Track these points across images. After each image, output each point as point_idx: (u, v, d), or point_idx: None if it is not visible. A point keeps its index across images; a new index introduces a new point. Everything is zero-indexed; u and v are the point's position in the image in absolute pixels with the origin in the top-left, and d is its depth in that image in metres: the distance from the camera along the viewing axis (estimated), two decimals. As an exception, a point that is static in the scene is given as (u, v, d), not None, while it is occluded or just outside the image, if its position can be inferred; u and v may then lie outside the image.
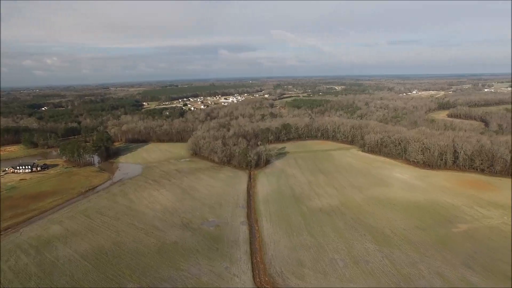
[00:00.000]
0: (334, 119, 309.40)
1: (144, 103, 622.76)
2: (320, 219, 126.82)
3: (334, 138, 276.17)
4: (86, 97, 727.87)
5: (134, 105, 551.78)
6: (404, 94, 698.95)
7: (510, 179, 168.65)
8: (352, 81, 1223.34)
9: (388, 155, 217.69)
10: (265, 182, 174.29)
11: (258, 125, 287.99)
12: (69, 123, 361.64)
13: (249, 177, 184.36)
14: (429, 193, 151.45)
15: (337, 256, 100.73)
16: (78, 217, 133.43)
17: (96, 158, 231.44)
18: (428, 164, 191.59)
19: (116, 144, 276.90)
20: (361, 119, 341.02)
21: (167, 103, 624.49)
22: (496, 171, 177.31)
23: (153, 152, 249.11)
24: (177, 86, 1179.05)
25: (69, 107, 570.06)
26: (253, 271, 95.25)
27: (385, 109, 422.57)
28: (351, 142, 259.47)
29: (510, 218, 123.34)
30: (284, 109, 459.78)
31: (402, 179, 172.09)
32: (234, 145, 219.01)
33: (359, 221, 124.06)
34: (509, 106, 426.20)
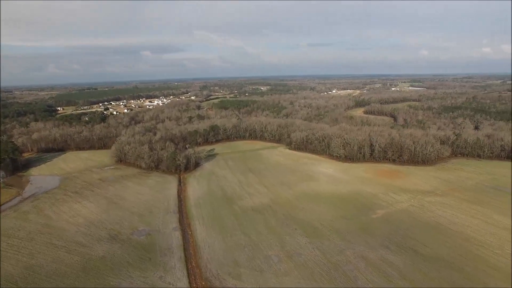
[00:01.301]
0: (261, 119, 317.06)
1: (59, 108, 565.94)
2: (252, 218, 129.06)
3: (262, 138, 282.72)
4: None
5: (46, 111, 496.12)
6: (325, 93, 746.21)
7: (415, 167, 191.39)
8: (277, 82, 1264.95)
9: (313, 151, 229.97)
10: (195, 185, 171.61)
11: (186, 128, 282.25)
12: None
13: (179, 181, 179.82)
14: (351, 184, 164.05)
15: (271, 252, 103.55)
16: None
17: None
18: (349, 158, 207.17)
19: (26, 155, 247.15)
20: (286, 118, 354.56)
21: (85, 107, 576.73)
22: (404, 161, 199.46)
23: (72, 161, 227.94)
24: (96, 89, 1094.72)
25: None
26: (189, 277, 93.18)
27: (308, 107, 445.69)
28: (279, 141, 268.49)
29: (416, 201, 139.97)
30: (212, 110, 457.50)
31: (327, 173, 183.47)
32: (162, 149, 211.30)
33: (290, 217, 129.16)
34: (411, 103, 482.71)
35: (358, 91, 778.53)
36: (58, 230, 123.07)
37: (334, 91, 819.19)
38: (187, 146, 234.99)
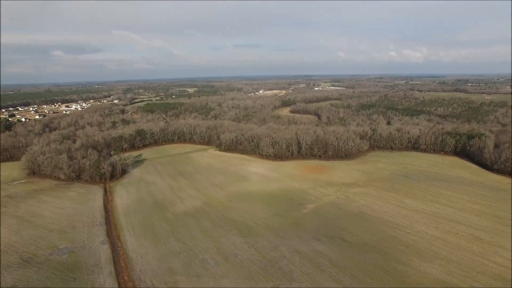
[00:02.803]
0: (189, 121, 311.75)
1: None
2: (186, 223, 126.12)
3: (191, 140, 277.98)
4: None
5: None
6: (252, 93, 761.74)
7: (339, 162, 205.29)
8: (204, 83, 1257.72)
9: (243, 151, 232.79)
10: (123, 194, 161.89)
11: (110, 133, 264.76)
12: None
13: (105, 191, 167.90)
14: (281, 182, 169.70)
15: (207, 256, 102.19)
16: None
17: None
18: (278, 156, 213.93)
19: None
20: (215, 119, 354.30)
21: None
22: (329, 156, 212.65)
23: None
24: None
25: None
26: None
27: (236, 108, 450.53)
28: (208, 143, 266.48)
29: (342, 193, 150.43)
30: (137, 114, 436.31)
31: (258, 173, 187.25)
32: (83, 157, 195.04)
33: (224, 218, 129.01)
34: (333, 102, 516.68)
35: (284, 91, 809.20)
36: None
37: (261, 91, 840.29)
38: (112, 152, 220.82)
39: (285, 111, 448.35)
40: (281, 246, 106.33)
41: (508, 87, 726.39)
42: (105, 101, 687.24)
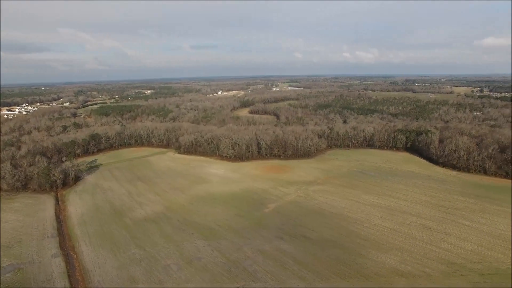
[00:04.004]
0: (147, 124, 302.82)
1: None
2: (146, 229, 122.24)
3: (149, 144, 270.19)
4: None
5: None
6: (210, 95, 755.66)
7: (299, 161, 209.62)
8: (161, 85, 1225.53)
9: (203, 153, 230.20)
10: (77, 202, 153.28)
11: (61, 138, 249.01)
12: None
13: (57, 200, 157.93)
14: (242, 182, 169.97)
15: (170, 261, 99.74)
16: None
17: None
18: (238, 157, 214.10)
19: None
20: (174, 121, 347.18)
21: None
22: (289, 155, 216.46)
23: None
24: None
25: None
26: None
27: (195, 110, 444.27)
28: (167, 146, 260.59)
29: (302, 191, 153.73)
30: (91, 117, 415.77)
31: (219, 174, 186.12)
32: (31, 165, 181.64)
33: (186, 222, 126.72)
34: (291, 102, 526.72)
35: (242, 92, 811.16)
36: None
37: (219, 92, 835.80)
38: (63, 159, 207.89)
39: (244, 112, 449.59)
40: (245, 246, 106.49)
41: (448, 87, 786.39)
42: (54, 104, 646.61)
